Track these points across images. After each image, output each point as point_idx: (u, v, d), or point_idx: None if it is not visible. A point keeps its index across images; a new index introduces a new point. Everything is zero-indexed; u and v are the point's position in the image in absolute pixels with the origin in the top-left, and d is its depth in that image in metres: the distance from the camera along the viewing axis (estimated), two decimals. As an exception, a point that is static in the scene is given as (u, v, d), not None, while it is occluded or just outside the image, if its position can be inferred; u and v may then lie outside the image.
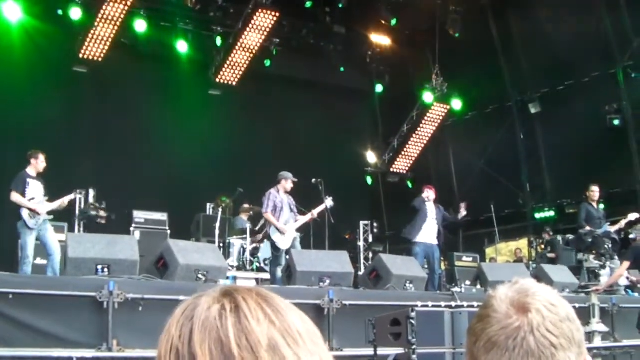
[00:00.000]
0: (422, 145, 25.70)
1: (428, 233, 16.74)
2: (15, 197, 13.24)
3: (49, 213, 13.50)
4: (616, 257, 14.96)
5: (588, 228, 15.92)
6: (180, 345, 1.29)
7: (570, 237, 16.81)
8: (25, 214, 13.18)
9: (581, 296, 13.37)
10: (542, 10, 21.49)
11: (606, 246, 14.79)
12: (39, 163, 13.70)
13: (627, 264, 13.78)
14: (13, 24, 19.15)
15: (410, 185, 25.65)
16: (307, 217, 15.70)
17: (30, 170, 13.60)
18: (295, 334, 1.32)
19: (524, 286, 1.83)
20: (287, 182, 15.34)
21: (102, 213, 17.58)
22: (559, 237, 20.66)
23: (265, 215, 15.27)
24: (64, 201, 14.37)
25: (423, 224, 16.69)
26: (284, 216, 15.10)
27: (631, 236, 15.81)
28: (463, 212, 17.69)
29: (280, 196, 15.22)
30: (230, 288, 1.38)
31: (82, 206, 17.11)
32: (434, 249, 16.71)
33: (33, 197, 13.44)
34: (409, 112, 25.29)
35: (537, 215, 23.36)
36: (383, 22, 23.67)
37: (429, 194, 17.20)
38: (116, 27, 19.80)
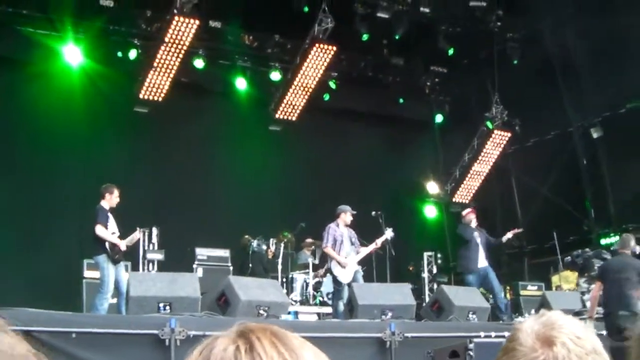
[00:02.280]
0: (484, 174, 25.47)
1: (481, 259, 16.60)
2: (101, 230, 13.35)
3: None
4: None
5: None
6: None
7: (569, 259, 16.34)
8: (108, 248, 13.33)
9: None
10: (599, 31, 21.18)
11: (596, 267, 14.31)
12: (113, 198, 13.85)
13: (598, 284, 12.95)
14: (74, 67, 19.53)
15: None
16: (369, 248, 15.68)
17: (105, 205, 13.74)
18: None
19: (550, 319, 1.81)
20: (346, 214, 15.34)
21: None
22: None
23: (325, 250, 15.29)
24: (133, 238, 14.58)
25: (477, 253, 16.58)
26: (344, 250, 15.07)
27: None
28: (509, 235, 17.43)
29: (340, 230, 15.21)
30: (246, 328, 1.40)
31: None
32: (486, 270, 16.49)
33: (113, 232, 13.61)
34: (470, 141, 25.14)
35: (603, 242, 22.94)
36: (440, 52, 23.61)
37: (471, 218, 17.16)
38: (175, 67, 20.05)
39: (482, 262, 16.64)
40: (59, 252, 17.63)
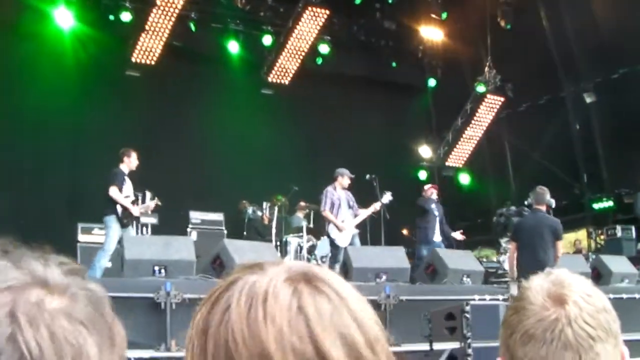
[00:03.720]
0: (477, 139, 25.46)
1: (437, 232, 17.01)
2: (114, 192, 13.12)
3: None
4: None
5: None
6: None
7: (494, 219, 16.42)
8: (119, 210, 13.26)
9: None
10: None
11: None
12: (131, 161, 13.69)
13: (514, 244, 12.33)
14: (65, 31, 19.39)
15: (468, 179, 25.49)
16: (368, 211, 15.64)
17: (124, 168, 13.62)
18: None
19: (559, 277, 1.82)
20: (344, 178, 15.30)
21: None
22: (619, 227, 20.56)
23: (324, 214, 15.25)
24: (149, 206, 14.56)
25: (434, 225, 16.81)
26: (341, 213, 15.07)
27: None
28: (457, 235, 17.52)
29: (337, 193, 15.19)
30: (300, 275, 1.12)
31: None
32: (440, 246, 16.76)
33: (127, 196, 13.48)
34: (463, 106, 25.10)
35: (596, 206, 23.03)
36: (434, 16, 23.52)
37: (433, 192, 17.40)
38: (167, 30, 19.96)
39: (437, 236, 16.86)
40: (48, 214, 17.65)
